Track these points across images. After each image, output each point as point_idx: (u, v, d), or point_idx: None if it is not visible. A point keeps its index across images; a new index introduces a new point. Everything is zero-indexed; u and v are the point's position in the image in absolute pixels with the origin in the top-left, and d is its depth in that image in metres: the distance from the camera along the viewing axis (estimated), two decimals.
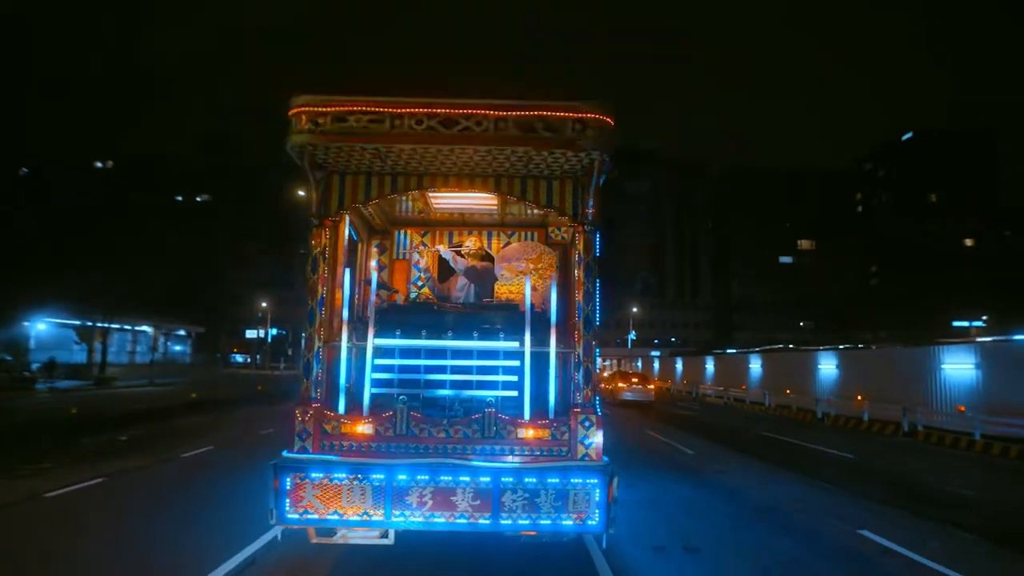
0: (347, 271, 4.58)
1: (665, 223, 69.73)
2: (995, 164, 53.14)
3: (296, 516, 4.08)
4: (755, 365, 28.54)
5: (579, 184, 4.61)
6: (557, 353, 4.54)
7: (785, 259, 62.77)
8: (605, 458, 4.30)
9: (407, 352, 4.60)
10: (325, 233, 4.51)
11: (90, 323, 30.06)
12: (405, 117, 4.04)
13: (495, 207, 5.86)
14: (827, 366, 22.48)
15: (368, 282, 5.75)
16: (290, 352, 71.45)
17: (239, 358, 71.12)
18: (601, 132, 4.11)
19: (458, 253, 5.88)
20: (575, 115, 4.09)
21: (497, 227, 6.35)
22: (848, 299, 53.15)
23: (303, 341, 4.48)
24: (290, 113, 4.07)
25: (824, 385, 22.15)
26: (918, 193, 53.35)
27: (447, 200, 5.72)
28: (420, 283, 6.17)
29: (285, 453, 4.30)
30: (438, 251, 5.67)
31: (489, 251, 6.14)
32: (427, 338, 4.60)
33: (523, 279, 5.95)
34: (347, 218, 4.83)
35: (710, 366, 35.02)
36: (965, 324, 41.58)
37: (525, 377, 4.44)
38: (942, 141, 52.69)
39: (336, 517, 4.08)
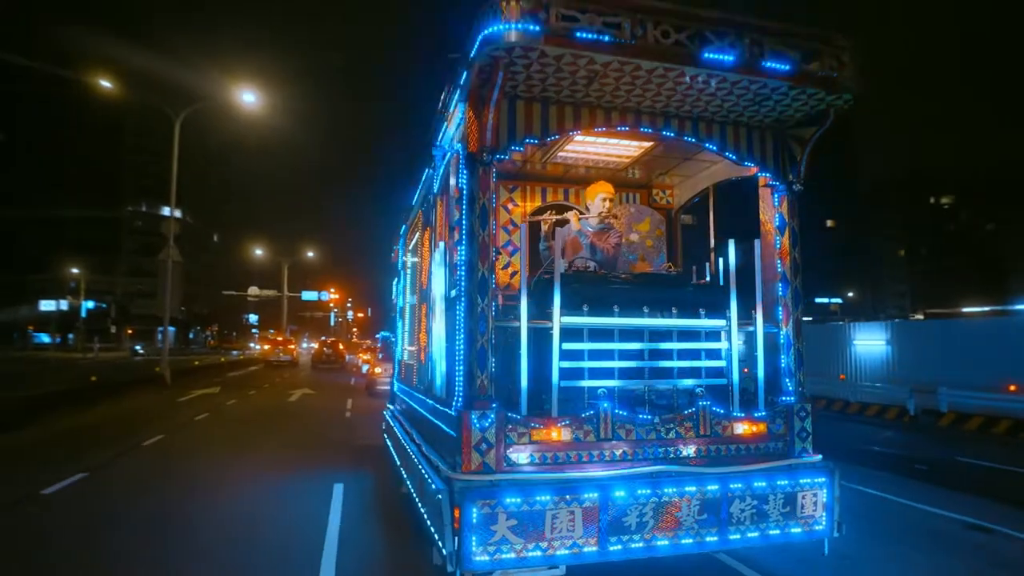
0: (522, 227, 3.64)
1: None
2: (853, 149, 60.36)
3: (486, 558, 3.18)
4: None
5: (783, 137, 4.10)
6: (750, 332, 4.05)
7: None
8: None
9: (595, 335, 3.79)
10: (491, 175, 3.53)
11: None
12: (649, 27, 3.20)
13: (628, 160, 5.13)
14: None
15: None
16: (113, 329, 62.18)
17: (44, 337, 60.46)
18: (856, 72, 3.62)
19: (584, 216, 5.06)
20: (836, 48, 3.55)
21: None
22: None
23: (463, 320, 3.48)
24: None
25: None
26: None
27: (585, 148, 4.88)
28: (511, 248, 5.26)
29: (453, 473, 3.35)
30: (574, 213, 4.79)
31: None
32: (620, 316, 3.82)
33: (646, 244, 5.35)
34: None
35: None
36: (825, 300, 48.10)
37: (734, 362, 3.90)
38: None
39: (539, 554, 3.25)
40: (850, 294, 46.46)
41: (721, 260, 5.09)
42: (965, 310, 32.03)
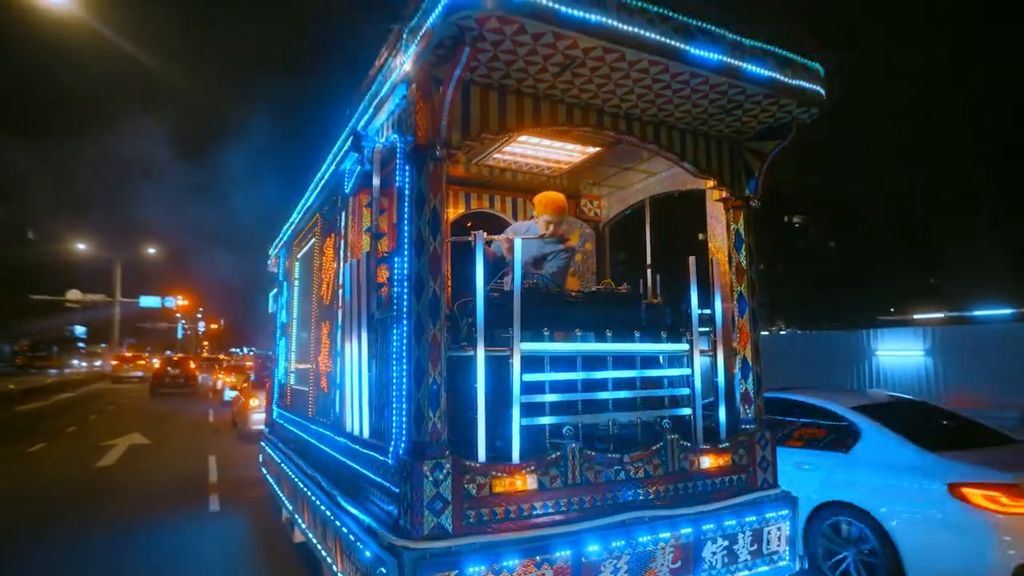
0: (479, 234, 3.12)
1: None
2: None
3: None
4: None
5: (740, 150, 3.99)
6: (708, 355, 3.86)
7: None
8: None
9: (557, 362, 3.36)
10: (443, 173, 3.00)
11: None
12: (636, 13, 2.87)
13: (567, 167, 4.79)
14: None
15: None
16: None
17: None
18: (823, 86, 3.57)
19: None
20: (811, 59, 3.46)
21: (523, 193, 5.25)
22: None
23: (407, 348, 2.91)
24: None
25: None
26: None
27: (525, 150, 4.45)
28: None
29: (399, 540, 2.75)
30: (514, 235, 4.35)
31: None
32: (583, 340, 3.43)
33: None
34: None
35: None
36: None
37: (697, 389, 3.67)
38: None
39: None
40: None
41: (659, 277, 4.96)
42: (916, 317, 31.42)
